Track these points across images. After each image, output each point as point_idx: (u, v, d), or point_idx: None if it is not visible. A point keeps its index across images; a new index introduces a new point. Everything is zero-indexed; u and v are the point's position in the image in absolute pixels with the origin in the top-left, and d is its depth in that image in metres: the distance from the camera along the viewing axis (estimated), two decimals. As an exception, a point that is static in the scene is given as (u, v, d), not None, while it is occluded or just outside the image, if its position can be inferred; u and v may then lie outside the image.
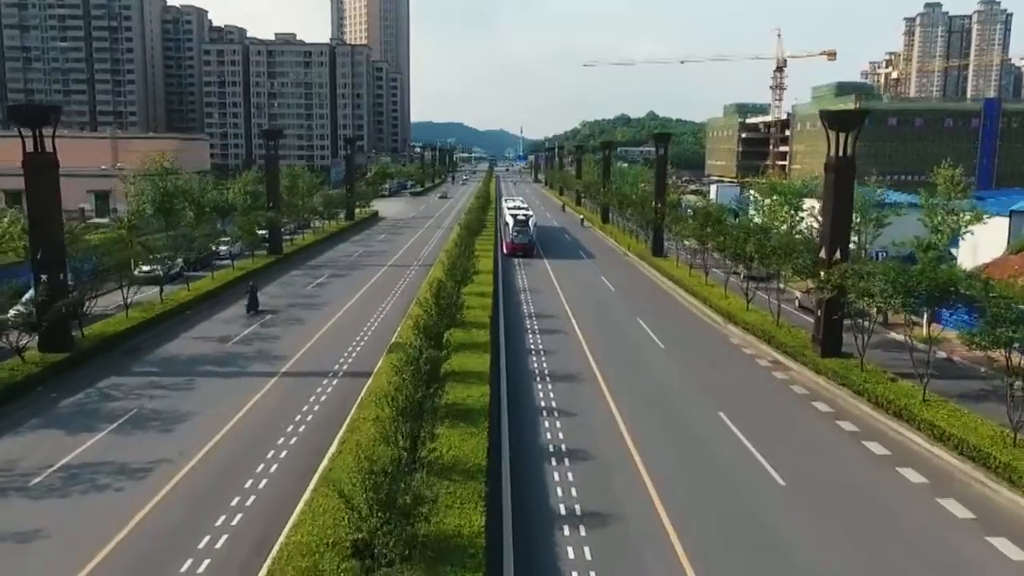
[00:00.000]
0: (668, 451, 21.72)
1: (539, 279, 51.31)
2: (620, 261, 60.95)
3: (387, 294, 44.67)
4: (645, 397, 26.51)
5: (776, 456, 21.07)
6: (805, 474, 20.10)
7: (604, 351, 32.29)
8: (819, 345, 29.06)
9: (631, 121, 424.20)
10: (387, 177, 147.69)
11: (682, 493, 18.79)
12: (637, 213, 60.81)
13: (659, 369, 30.15)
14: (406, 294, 44.15)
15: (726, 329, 37.12)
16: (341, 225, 77.84)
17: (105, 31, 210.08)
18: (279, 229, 56.40)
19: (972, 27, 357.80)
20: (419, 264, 56.73)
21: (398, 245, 69.10)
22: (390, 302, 42.34)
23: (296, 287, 46.85)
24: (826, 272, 28.32)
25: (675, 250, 55.36)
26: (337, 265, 56.18)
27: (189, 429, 22.62)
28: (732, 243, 38.68)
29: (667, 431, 23.34)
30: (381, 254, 62.82)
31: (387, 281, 49.32)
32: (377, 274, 52.05)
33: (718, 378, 28.96)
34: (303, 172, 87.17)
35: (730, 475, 20.06)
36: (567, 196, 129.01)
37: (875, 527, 17.25)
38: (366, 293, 44.99)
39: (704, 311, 41.00)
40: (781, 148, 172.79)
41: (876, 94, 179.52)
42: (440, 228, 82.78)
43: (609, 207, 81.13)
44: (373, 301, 42.37)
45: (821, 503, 18.55)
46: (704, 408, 25.29)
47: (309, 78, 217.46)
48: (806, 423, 24.42)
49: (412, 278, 50.22)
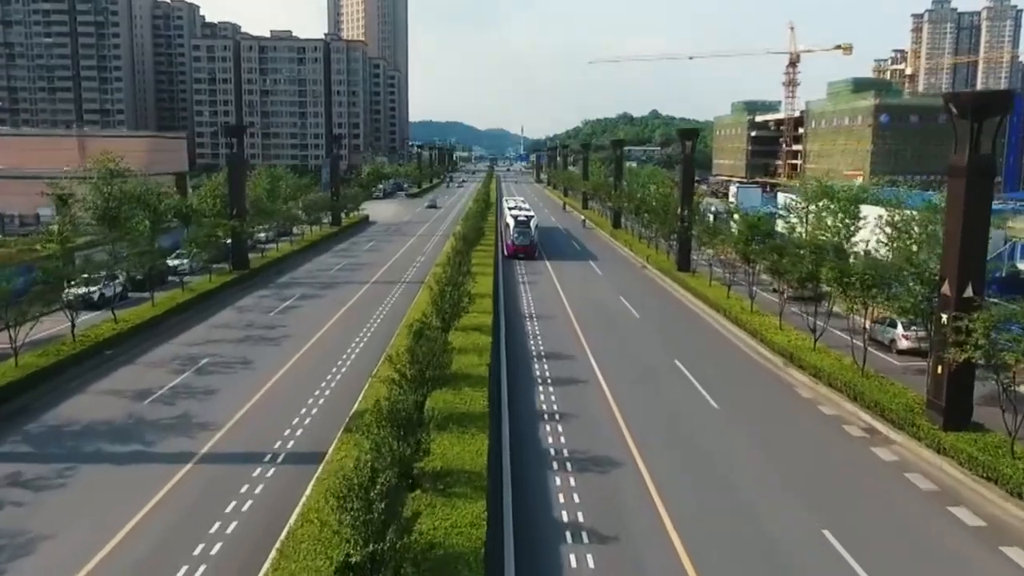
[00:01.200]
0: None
1: (547, 300, 43.46)
2: (639, 276, 53.17)
3: (364, 323, 36.80)
4: (710, 503, 18.43)
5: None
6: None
7: (641, 416, 24.32)
8: (939, 413, 21.16)
9: (634, 120, 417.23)
10: (382, 178, 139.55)
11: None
12: (657, 220, 52.99)
13: (719, 446, 22.10)
14: (388, 322, 36.33)
15: (788, 375, 29.24)
16: (326, 231, 70.15)
17: (91, 26, 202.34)
18: (244, 240, 48.53)
19: (981, 24, 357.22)
20: (407, 281, 48.89)
21: (386, 256, 61.14)
22: (366, 335, 34.47)
23: (256, 312, 38.95)
24: (953, 317, 20.32)
25: (701, 262, 47.68)
26: (313, 282, 48.33)
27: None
28: (795, 266, 30.75)
29: (751, 568, 15.50)
30: (365, 267, 54.93)
31: (367, 303, 41.48)
32: (357, 294, 44.21)
33: (803, 463, 20.97)
34: (285, 173, 79.22)
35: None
36: (572, 198, 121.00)
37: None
38: (339, 322, 37.11)
39: (755, 347, 33.10)
40: (795, 147, 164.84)
41: (896, 89, 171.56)
42: (435, 235, 74.94)
43: (620, 211, 73.35)
44: (346, 333, 34.51)
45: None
46: (800, 523, 17.38)
47: (303, 75, 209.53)
48: (949, 545, 16.55)
49: (397, 301, 42.36)
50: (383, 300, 42.71)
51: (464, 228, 49.64)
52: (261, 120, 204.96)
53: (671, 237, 51.50)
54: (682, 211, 47.68)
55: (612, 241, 70.94)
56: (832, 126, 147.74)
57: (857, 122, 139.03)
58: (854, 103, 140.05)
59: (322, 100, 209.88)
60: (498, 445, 20.68)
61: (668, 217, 50.72)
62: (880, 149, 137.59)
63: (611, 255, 63.53)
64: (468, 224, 51.34)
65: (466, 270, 37.53)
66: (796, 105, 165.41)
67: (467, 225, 50.47)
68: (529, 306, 42.29)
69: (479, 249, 49.70)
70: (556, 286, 47.99)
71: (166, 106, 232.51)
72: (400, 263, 57.20)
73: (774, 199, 79.14)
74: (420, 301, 34.87)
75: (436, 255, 55.02)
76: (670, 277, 48.78)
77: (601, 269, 55.20)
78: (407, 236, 74.68)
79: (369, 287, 46.76)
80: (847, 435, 23.05)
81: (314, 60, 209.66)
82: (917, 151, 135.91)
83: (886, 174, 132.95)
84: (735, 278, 41.76)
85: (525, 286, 47.95)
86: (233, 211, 47.09)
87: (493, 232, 67.89)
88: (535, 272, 53.27)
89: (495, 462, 19.07)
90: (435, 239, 70.99)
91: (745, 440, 22.51)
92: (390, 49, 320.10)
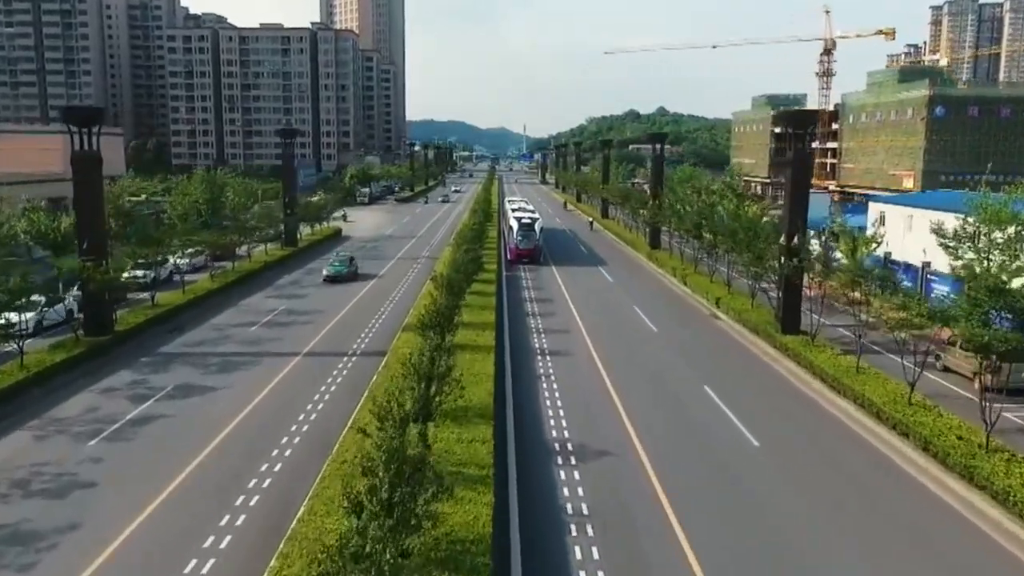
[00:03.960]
0: None
1: (579, 388, 27.24)
2: (708, 329, 36.46)
3: (256, 465, 20.09)
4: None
5: None
6: None
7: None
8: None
9: (640, 117, 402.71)
10: (368, 181, 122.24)
11: None
12: (742, 250, 35.04)
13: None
14: (310, 455, 19.83)
15: None
16: (273, 256, 53.02)
17: (56, 15, 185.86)
18: (103, 292, 30.47)
19: (1004, 15, 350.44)
20: (360, 351, 31.75)
21: (344, 298, 42.55)
22: (249, 503, 17.90)
23: (59, 446, 21.63)
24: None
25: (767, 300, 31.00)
26: (210, 355, 30.50)
27: None
28: None
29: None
30: (306, 320, 37.22)
31: (284, 408, 24.72)
32: (270, 384, 26.73)
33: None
34: (232, 179, 62.30)
35: None
36: (590, 205, 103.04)
37: None
38: (203, 470, 20.18)
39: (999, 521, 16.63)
40: (829, 144, 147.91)
41: (949, 79, 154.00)
42: (420, 258, 57.96)
43: (659, 226, 56.47)
44: (199, 513, 17.86)
45: None
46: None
47: (288, 67, 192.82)
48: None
49: (337, 394, 25.72)
50: (314, 394, 25.83)
51: (451, 264, 33.04)
52: (242, 117, 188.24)
53: (764, 275, 34.31)
54: (786, 243, 30.42)
55: (653, 268, 53.50)
56: (875, 120, 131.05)
57: (907, 115, 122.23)
58: (901, 94, 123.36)
59: (309, 95, 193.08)
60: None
61: (761, 247, 33.29)
62: (935, 146, 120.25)
63: (653, 287, 47.10)
64: (458, 257, 34.63)
65: (450, 343, 21.66)
66: (831, 98, 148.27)
67: (456, 260, 33.71)
68: (552, 391, 26.03)
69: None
70: (589, 349, 31.57)
71: (144, 103, 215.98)
72: (360, 313, 38.92)
73: (851, 209, 62.43)
74: (375, 394, 18.28)
75: (420, 292, 39.33)
76: (763, 337, 31.81)
77: (651, 317, 38.17)
78: (383, 260, 57.21)
79: (298, 364, 29.61)
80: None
81: (300, 51, 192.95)
82: (975, 148, 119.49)
83: (942, 173, 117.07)
84: (861, 341, 25.59)
85: (546, 361, 31.24)
86: (83, 245, 29.55)
87: (494, 248, 51.35)
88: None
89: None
90: (418, 268, 54.10)
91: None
92: (385, 43, 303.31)
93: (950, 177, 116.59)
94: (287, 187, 55.74)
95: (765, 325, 32.22)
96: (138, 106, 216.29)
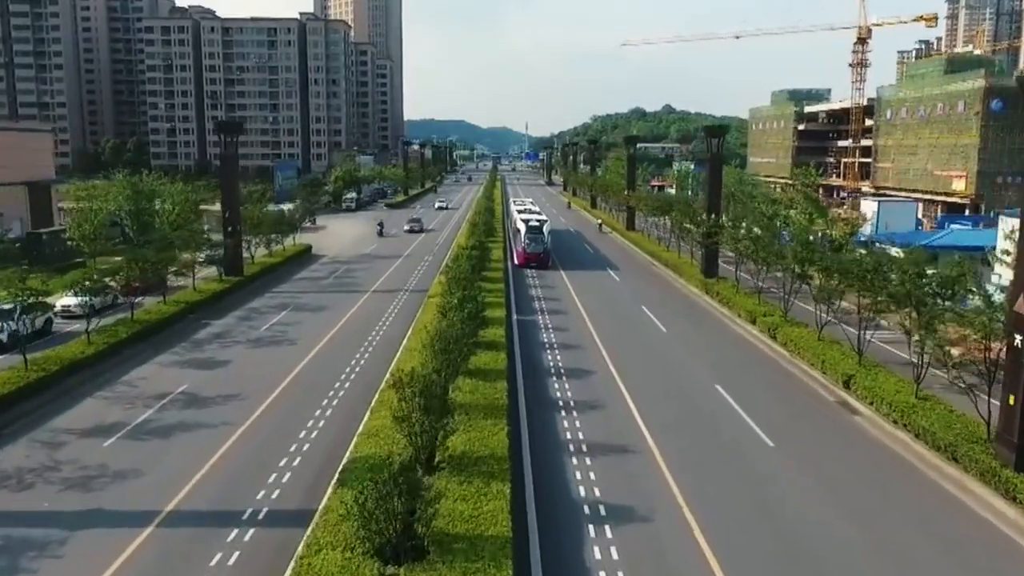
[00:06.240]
0: None
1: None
2: (847, 434, 22.42)
3: None
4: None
5: None
6: None
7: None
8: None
9: (646, 115, 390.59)
10: (355, 183, 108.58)
11: None
12: (900, 304, 21.28)
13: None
14: None
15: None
16: (204, 292, 38.37)
17: (25, 4, 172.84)
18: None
19: (1023, 8, 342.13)
20: (264, 515, 16.77)
21: (291, 357, 29.21)
22: None
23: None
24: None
25: None
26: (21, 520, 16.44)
27: None
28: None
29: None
30: (193, 433, 21.56)
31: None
32: None
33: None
34: (165, 186, 48.89)
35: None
36: (606, 213, 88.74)
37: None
38: None
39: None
40: (862, 142, 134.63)
41: (1003, 69, 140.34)
42: (407, 290, 44.46)
43: (717, 249, 43.14)
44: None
45: None
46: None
47: (274, 61, 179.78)
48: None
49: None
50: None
51: (438, 336, 19.93)
52: (226, 114, 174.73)
53: (959, 364, 20.72)
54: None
55: (715, 308, 39.29)
56: (916, 115, 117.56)
57: (957, 109, 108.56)
58: (949, 87, 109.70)
59: (297, 90, 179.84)
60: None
61: (934, 308, 19.68)
62: (991, 144, 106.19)
63: (733, 351, 33.51)
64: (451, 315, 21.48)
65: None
66: (866, 91, 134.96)
67: (446, 323, 20.59)
68: None
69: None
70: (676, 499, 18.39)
71: (125, 99, 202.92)
72: (307, 387, 25.57)
73: (941, 220, 49.20)
74: None
75: (391, 352, 26.20)
76: (978, 479, 18.50)
77: (748, 408, 23.76)
78: (357, 292, 42.98)
79: (143, 547, 15.48)
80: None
81: (287, 43, 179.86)
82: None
83: (998, 175, 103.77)
84: None
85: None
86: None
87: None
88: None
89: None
90: (407, 301, 40.79)
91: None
92: (381, 37, 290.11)
93: (1007, 179, 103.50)
94: (227, 200, 41.55)
95: (965, 446, 18.46)
96: (119, 103, 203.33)
